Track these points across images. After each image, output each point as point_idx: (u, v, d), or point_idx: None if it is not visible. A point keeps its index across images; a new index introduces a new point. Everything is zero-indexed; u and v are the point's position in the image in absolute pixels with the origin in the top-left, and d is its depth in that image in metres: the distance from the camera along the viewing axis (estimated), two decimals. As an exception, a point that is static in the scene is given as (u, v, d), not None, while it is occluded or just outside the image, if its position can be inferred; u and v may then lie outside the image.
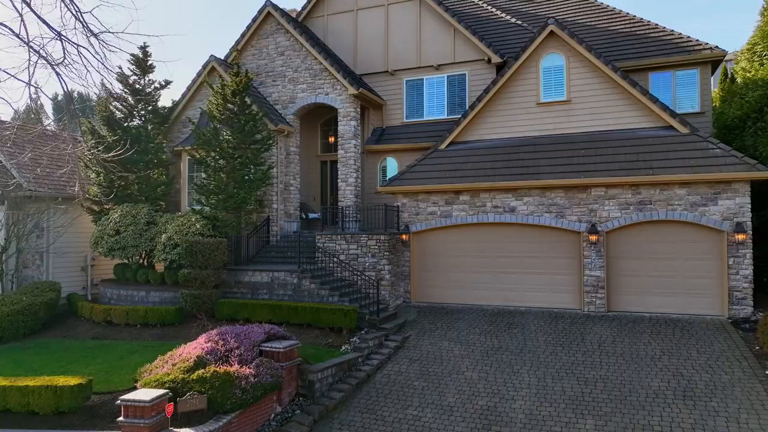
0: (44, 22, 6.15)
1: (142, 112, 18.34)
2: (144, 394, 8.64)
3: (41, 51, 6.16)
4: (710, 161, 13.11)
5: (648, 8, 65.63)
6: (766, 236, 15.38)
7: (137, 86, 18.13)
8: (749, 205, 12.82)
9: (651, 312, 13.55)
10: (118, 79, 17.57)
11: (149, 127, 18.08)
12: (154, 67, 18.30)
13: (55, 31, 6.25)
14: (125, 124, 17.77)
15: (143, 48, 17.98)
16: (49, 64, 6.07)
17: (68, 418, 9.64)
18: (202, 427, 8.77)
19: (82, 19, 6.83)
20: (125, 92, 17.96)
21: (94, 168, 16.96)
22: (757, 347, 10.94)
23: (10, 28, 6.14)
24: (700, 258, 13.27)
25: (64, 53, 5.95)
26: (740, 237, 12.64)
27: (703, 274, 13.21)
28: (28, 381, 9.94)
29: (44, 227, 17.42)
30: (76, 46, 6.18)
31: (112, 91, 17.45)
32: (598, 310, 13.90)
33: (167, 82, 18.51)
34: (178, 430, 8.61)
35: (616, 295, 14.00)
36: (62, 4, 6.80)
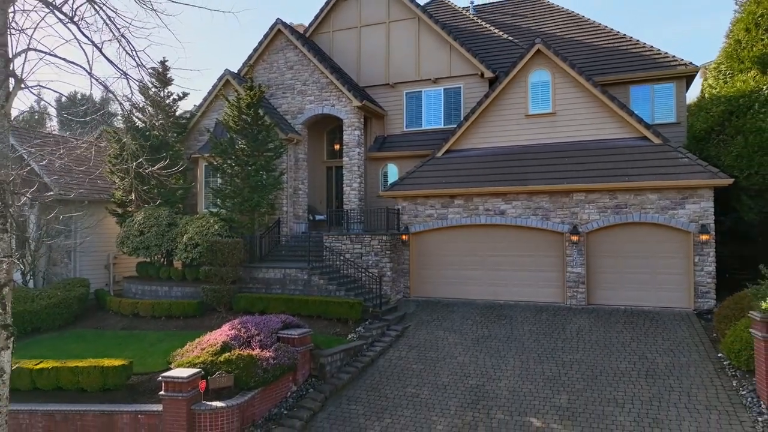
0: (113, 63, 7.61)
1: (161, 122, 19.79)
2: (181, 372, 10.13)
3: (110, 86, 7.62)
4: (679, 169, 14.60)
5: (650, 7, 66.79)
6: (734, 237, 16.90)
7: (157, 98, 19.61)
8: (713, 209, 14.30)
9: (626, 305, 15.03)
10: (140, 92, 19.03)
11: (169, 135, 19.52)
12: (172, 80, 19.77)
13: (121, 70, 7.72)
14: (146, 133, 19.22)
15: (163, 62, 19.44)
16: (117, 99, 7.55)
17: (113, 395, 11.13)
18: (231, 401, 10.27)
19: (137, 57, 8.32)
20: (147, 104, 19.41)
21: (118, 174, 18.43)
22: (714, 334, 12.43)
23: (83, 68, 7.61)
24: (670, 256, 14.76)
25: (131, 90, 7.43)
26: (704, 237, 14.12)
27: (672, 270, 14.69)
28: (77, 362, 11.42)
29: (72, 228, 18.89)
30: (137, 83, 7.64)
31: (135, 103, 18.96)
32: (579, 304, 15.38)
33: (185, 94, 20.00)
34: (211, 402, 10.11)
35: (595, 289, 15.48)
36: (119, 45, 8.31)
